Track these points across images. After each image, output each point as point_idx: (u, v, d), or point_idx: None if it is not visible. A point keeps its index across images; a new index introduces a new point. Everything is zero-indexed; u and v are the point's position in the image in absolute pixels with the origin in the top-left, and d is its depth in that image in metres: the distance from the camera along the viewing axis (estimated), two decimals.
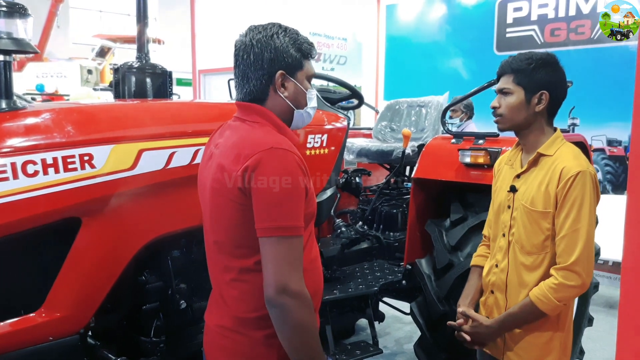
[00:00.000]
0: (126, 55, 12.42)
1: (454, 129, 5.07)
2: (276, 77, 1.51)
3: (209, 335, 1.63)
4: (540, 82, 1.85)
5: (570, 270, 1.75)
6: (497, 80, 1.96)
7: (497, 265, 1.97)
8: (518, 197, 1.90)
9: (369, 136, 4.43)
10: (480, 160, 2.87)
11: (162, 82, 2.77)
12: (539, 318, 1.84)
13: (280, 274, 1.37)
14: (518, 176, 1.93)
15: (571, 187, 1.75)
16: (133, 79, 2.70)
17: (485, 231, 2.19)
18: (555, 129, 1.94)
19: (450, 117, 5.39)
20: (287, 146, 1.44)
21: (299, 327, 1.40)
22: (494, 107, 1.93)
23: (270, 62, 1.49)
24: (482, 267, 2.11)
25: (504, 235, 1.95)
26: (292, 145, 1.47)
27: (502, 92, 1.91)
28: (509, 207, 1.94)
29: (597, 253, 3.57)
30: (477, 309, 2.08)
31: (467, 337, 1.99)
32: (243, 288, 1.50)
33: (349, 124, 3.06)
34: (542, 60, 1.86)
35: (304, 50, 1.54)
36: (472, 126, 5.49)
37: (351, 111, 4.12)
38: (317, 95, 2.96)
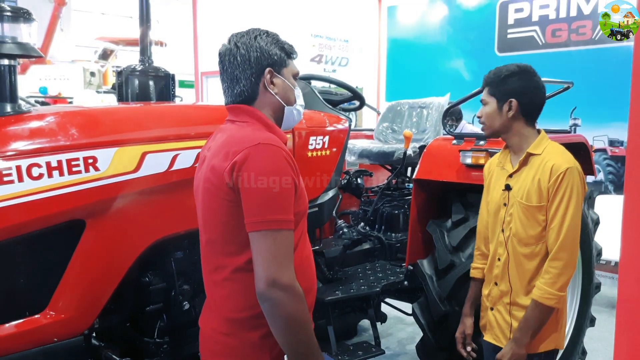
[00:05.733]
0: (129, 57, 12.46)
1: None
2: (265, 74, 1.56)
3: (203, 338, 1.64)
4: (507, 91, 2.06)
5: (556, 258, 1.95)
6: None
7: (499, 259, 2.14)
8: (513, 194, 2.08)
9: (370, 137, 4.44)
10: (482, 161, 2.88)
11: (165, 85, 2.79)
12: (550, 313, 2.00)
13: (270, 268, 1.38)
14: (510, 175, 2.11)
15: (561, 182, 1.94)
16: (136, 81, 2.72)
17: (479, 242, 2.35)
18: (539, 131, 2.12)
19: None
20: (275, 142, 1.46)
21: (291, 321, 1.41)
22: (478, 117, 2.18)
23: (257, 60, 1.55)
24: (478, 279, 2.32)
25: (502, 230, 2.12)
26: (281, 142, 1.50)
27: (482, 102, 2.15)
28: (505, 204, 2.12)
29: (599, 253, 3.57)
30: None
31: None
32: (233, 287, 1.51)
33: (350, 125, 3.07)
34: (510, 71, 2.07)
35: (286, 49, 1.61)
36: (467, 127, 5.48)
37: (352, 113, 4.13)
38: (318, 97, 2.99)
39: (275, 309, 1.39)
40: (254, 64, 1.55)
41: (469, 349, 2.30)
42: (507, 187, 2.10)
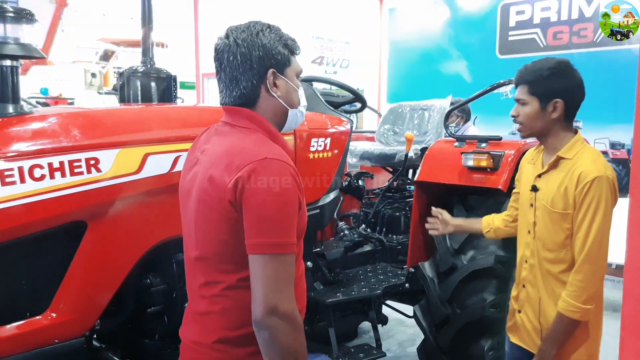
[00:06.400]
0: (129, 58, 12.46)
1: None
2: (267, 76, 1.44)
3: (185, 352, 1.54)
4: (553, 91, 1.92)
5: (580, 271, 1.87)
6: (516, 87, 2.05)
7: (526, 261, 2.08)
8: (539, 196, 2.00)
9: (371, 139, 4.44)
10: (483, 164, 2.88)
11: (167, 86, 2.78)
12: (577, 326, 1.92)
13: (270, 295, 1.28)
14: (539, 176, 2.03)
15: (588, 191, 1.84)
16: (138, 83, 2.71)
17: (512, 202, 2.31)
18: (575, 131, 2.01)
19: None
20: (282, 157, 1.36)
21: (289, 351, 1.31)
22: (513, 116, 2.02)
23: (260, 60, 1.43)
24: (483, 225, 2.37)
25: (529, 232, 2.06)
26: (287, 156, 1.39)
27: (520, 102, 2.00)
28: (531, 205, 2.04)
29: None
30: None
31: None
32: (225, 304, 1.42)
33: (351, 127, 3.07)
34: (554, 68, 1.93)
35: (290, 46, 1.49)
36: (471, 129, 5.48)
37: (354, 114, 4.13)
38: (320, 98, 2.99)
39: (273, 339, 1.29)
40: (255, 64, 1.42)
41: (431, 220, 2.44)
42: (534, 188, 2.02)
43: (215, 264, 1.42)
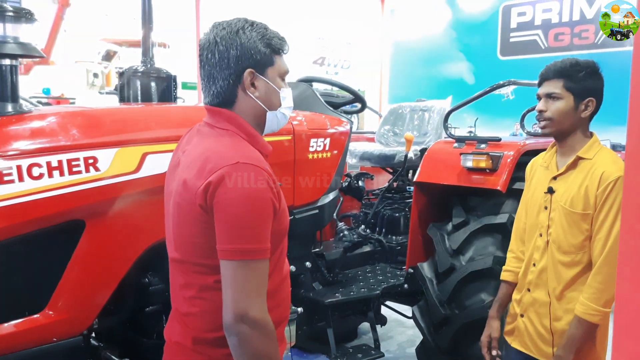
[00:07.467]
0: (131, 58, 12.48)
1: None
2: (244, 76, 1.40)
3: (168, 352, 1.54)
4: (589, 89, 1.91)
5: (601, 272, 1.82)
6: (539, 84, 1.99)
7: (534, 265, 2.01)
8: (556, 198, 1.95)
9: (371, 140, 4.45)
10: (482, 165, 2.88)
11: (167, 86, 2.79)
12: (595, 330, 1.89)
13: (240, 300, 1.27)
14: (555, 178, 1.98)
15: (611, 191, 1.80)
16: (138, 82, 2.72)
17: (514, 244, 2.22)
18: (591, 134, 1.99)
19: None
20: (256, 161, 1.33)
21: (258, 357, 1.30)
22: (540, 111, 1.96)
23: (237, 59, 1.39)
24: (510, 282, 2.19)
25: (540, 235, 2.00)
26: (262, 160, 1.37)
27: (551, 96, 1.94)
28: (545, 207, 1.98)
29: None
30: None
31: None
32: (203, 306, 1.41)
33: (351, 127, 3.07)
34: (589, 68, 1.93)
35: (274, 45, 1.43)
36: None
37: (354, 115, 4.13)
38: (320, 99, 2.99)
39: (243, 345, 1.28)
40: (232, 63, 1.39)
41: (494, 353, 2.16)
42: (550, 190, 1.96)
43: (192, 265, 1.41)
